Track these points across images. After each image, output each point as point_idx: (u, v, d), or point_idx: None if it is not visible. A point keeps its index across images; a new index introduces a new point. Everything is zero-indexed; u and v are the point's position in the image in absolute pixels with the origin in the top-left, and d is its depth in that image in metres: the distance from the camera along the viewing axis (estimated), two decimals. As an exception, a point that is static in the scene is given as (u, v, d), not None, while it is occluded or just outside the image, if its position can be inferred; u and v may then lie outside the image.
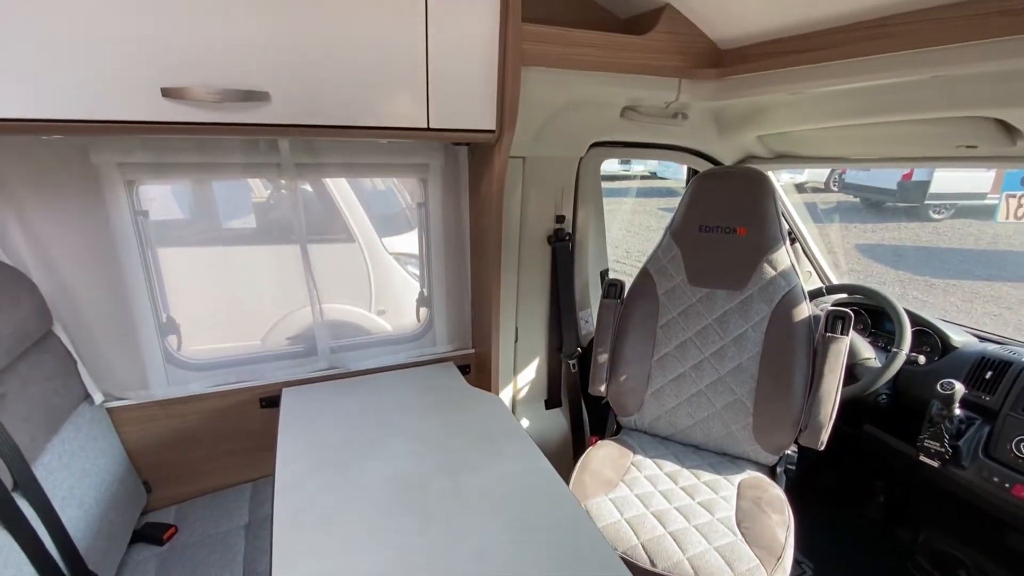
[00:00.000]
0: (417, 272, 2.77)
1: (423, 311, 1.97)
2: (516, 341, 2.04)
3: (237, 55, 1.08)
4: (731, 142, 2.03)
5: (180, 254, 1.74)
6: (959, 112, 1.25)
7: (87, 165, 1.31)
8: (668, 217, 1.81)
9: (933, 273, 6.49)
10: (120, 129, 1.06)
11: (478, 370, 1.94)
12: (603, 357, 1.84)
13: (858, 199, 9.20)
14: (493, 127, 1.38)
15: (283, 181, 1.59)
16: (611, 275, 2.09)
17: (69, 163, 1.30)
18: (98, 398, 1.44)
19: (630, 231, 8.92)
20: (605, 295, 1.85)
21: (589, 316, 2.16)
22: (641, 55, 1.46)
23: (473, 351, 1.97)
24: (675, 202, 1.82)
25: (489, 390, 1.75)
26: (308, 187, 2.19)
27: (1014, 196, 3.84)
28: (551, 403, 2.24)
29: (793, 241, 2.31)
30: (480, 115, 1.35)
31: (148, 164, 1.38)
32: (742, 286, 1.68)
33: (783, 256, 1.64)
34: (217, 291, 1.96)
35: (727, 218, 1.69)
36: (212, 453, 1.64)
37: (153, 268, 1.50)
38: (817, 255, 2.34)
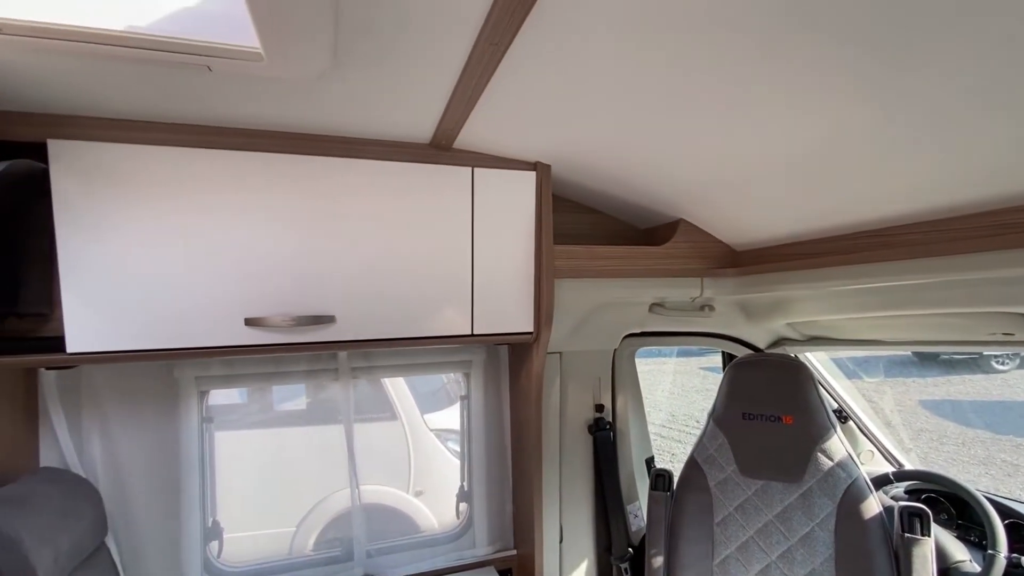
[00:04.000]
0: (457, 448, 2.75)
1: (463, 506, 1.91)
2: (561, 541, 1.91)
3: (309, 286, 1.27)
4: (761, 327, 2.09)
5: (230, 437, 1.82)
6: (984, 309, 1.29)
7: (169, 379, 1.48)
8: (711, 377, 1.81)
9: (1017, 431, 5.85)
10: (206, 353, 1.22)
11: (521, 574, 1.80)
12: (658, 560, 1.68)
13: (909, 351, 8.81)
14: (531, 330, 1.50)
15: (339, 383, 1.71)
16: (655, 439, 2.01)
17: (154, 378, 1.47)
18: (132, 616, 1.39)
19: (672, 393, 8.66)
20: (653, 487, 1.76)
21: (638, 510, 2.03)
22: (662, 261, 1.62)
23: (515, 553, 1.84)
24: (716, 360, 1.82)
25: (533, 602, 1.60)
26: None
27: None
28: (604, 617, 1.99)
29: (845, 419, 2.21)
30: (519, 320, 1.49)
31: (221, 376, 1.54)
32: (799, 478, 1.58)
33: (837, 445, 1.57)
34: (260, 473, 1.99)
35: (770, 406, 1.67)
36: None
37: (209, 471, 1.57)
38: (876, 433, 2.21)
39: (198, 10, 0.81)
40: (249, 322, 1.22)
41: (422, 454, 2.62)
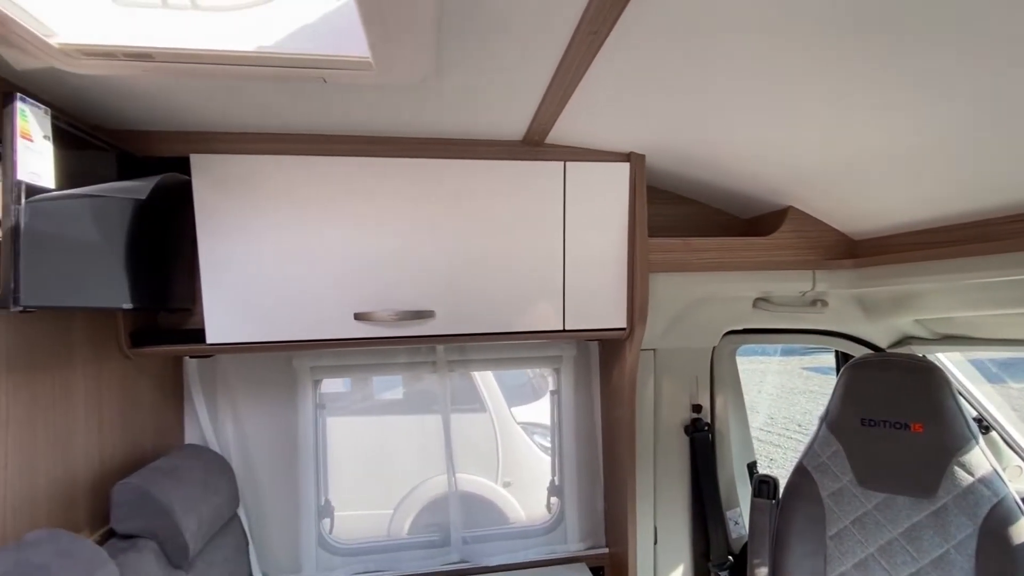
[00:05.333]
0: (543, 442, 2.77)
1: (553, 501, 1.92)
2: (656, 543, 1.86)
3: (411, 283, 1.34)
4: (883, 324, 1.89)
5: (339, 423, 1.97)
6: None
7: (288, 368, 1.62)
8: (814, 379, 1.67)
9: None
10: (319, 345, 1.33)
11: (614, 574, 1.78)
12: (762, 571, 1.59)
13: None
14: (624, 326, 1.47)
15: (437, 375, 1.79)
16: (756, 443, 1.90)
17: (275, 367, 1.62)
18: (259, 580, 1.55)
19: (771, 394, 8.12)
20: (756, 493, 1.66)
21: (738, 517, 1.92)
22: (767, 253, 1.51)
23: (607, 551, 1.82)
24: (820, 360, 1.69)
25: (628, 602, 1.58)
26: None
27: None
28: (702, 623, 1.92)
29: (987, 430, 1.95)
30: (611, 316, 1.46)
31: (332, 366, 1.66)
32: (931, 493, 1.42)
33: (979, 458, 1.39)
34: (362, 458, 2.15)
35: (895, 412, 1.51)
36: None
37: (322, 453, 1.70)
38: (1026, 448, 1.92)
39: (314, 27, 0.88)
40: (358, 316, 1.31)
41: (510, 446, 2.67)
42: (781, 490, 1.65)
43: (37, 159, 0.87)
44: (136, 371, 1.35)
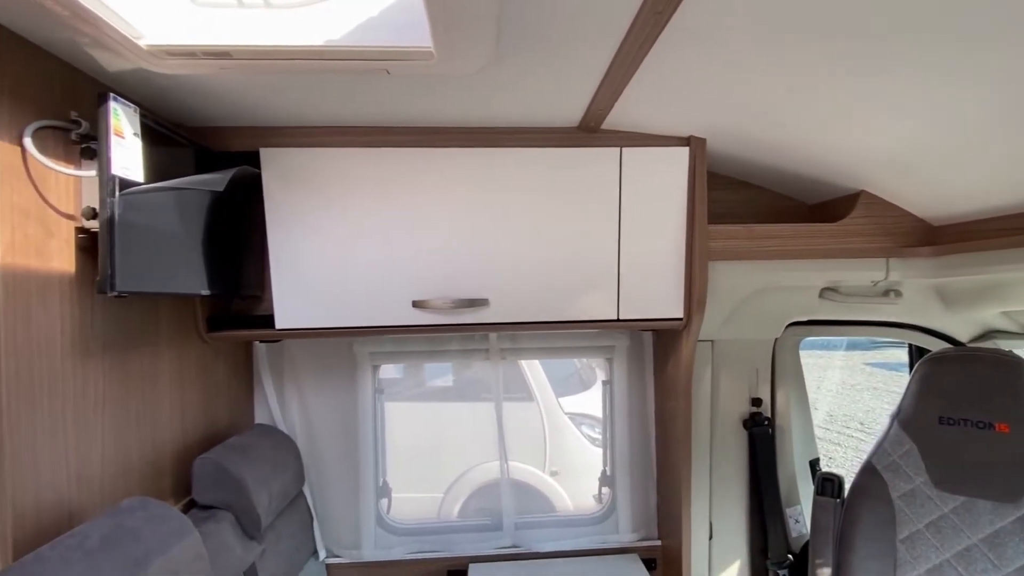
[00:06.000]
0: (591, 433, 2.76)
1: (605, 491, 1.91)
2: (711, 538, 1.82)
3: (466, 272, 1.36)
4: (964, 317, 1.76)
5: (395, 408, 2.04)
6: None
7: (350, 354, 1.69)
8: (878, 375, 1.58)
9: None
10: (378, 332, 1.39)
11: (667, 567, 1.76)
12: (825, 572, 1.53)
13: None
14: (681, 316, 1.44)
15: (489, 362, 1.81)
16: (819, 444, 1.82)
17: (338, 352, 1.69)
18: (322, 554, 1.63)
19: (831, 390, 7.74)
20: (820, 491, 1.60)
21: (799, 515, 1.85)
22: (837, 240, 1.44)
23: (660, 543, 1.80)
24: (886, 355, 1.60)
25: (682, 595, 1.56)
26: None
27: None
28: (758, 621, 1.87)
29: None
30: (668, 305, 1.43)
31: (390, 352, 1.72)
32: (1017, 498, 1.32)
33: (1076, 463, 1.27)
34: (416, 442, 2.22)
35: (978, 410, 1.41)
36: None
37: (381, 436, 1.76)
38: None
39: (378, 19, 0.89)
40: (416, 304, 1.34)
41: (557, 435, 2.68)
42: (846, 489, 1.59)
43: (128, 155, 0.93)
44: (212, 354, 1.44)
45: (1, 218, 0.81)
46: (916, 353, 1.96)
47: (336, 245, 1.32)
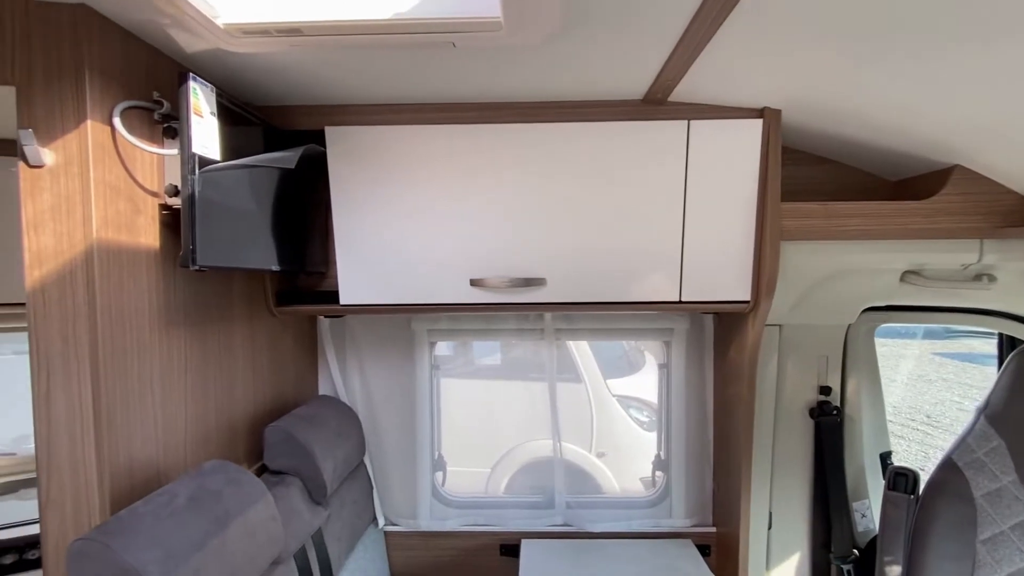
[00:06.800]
0: (639, 416, 2.72)
1: (659, 475, 1.88)
2: (770, 528, 1.76)
3: (523, 250, 1.34)
4: (1068, 304, 1.60)
5: (450, 384, 2.08)
6: None
7: (407, 330, 1.72)
8: (948, 365, 1.46)
9: None
10: (436, 309, 1.39)
11: (721, 554, 1.72)
12: (895, 570, 1.46)
13: None
14: (748, 299, 1.37)
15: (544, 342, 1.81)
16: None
17: (396, 328, 1.72)
18: (381, 521, 1.69)
19: (898, 381, 7.31)
20: (891, 486, 1.51)
21: (867, 509, 1.77)
22: (926, 220, 1.32)
23: (714, 530, 1.77)
24: (954, 345, 1.48)
25: (737, 582, 1.52)
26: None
27: None
28: (818, 616, 1.81)
29: None
30: (734, 288, 1.37)
31: (447, 329, 1.74)
32: (1124, 504, 1.20)
33: None
34: (468, 418, 2.26)
35: (1082, 407, 1.28)
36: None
37: (436, 410, 1.80)
38: None
39: (443, -11, 0.88)
40: (473, 283, 1.34)
41: (605, 418, 2.65)
42: (921, 485, 1.49)
43: (206, 133, 0.96)
44: (280, 327, 1.50)
45: (96, 195, 0.86)
46: (1008, 344, 1.80)
47: (397, 222, 1.33)
